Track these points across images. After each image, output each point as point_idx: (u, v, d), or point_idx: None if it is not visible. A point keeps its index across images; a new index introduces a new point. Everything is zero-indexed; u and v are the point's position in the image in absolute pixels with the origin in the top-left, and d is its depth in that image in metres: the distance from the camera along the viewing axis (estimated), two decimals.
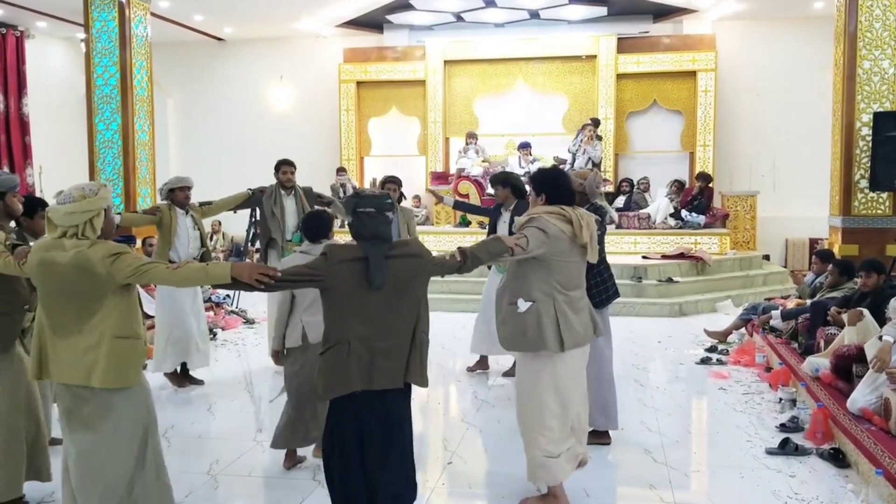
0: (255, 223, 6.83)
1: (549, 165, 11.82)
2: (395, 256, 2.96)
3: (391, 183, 6.63)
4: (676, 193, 11.78)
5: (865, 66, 8.77)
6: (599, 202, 4.81)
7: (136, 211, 9.62)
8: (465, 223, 11.79)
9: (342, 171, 12.54)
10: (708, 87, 12.22)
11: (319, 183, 11.97)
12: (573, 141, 11.73)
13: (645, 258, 10.46)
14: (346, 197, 3.02)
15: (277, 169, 6.71)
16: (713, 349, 7.34)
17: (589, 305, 3.90)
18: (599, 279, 4.51)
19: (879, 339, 4.66)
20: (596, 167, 11.39)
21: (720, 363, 6.89)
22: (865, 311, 5.35)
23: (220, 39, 14.00)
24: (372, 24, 13.09)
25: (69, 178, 11.71)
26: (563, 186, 3.81)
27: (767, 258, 11.81)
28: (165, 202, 6.08)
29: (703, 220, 11.25)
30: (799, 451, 4.55)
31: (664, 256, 10.48)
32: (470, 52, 12.94)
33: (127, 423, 3.10)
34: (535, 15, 12.40)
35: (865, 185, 8.83)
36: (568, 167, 11.25)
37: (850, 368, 5.05)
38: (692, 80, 12.35)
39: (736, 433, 5.00)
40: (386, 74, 13.23)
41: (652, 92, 12.61)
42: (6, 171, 11.15)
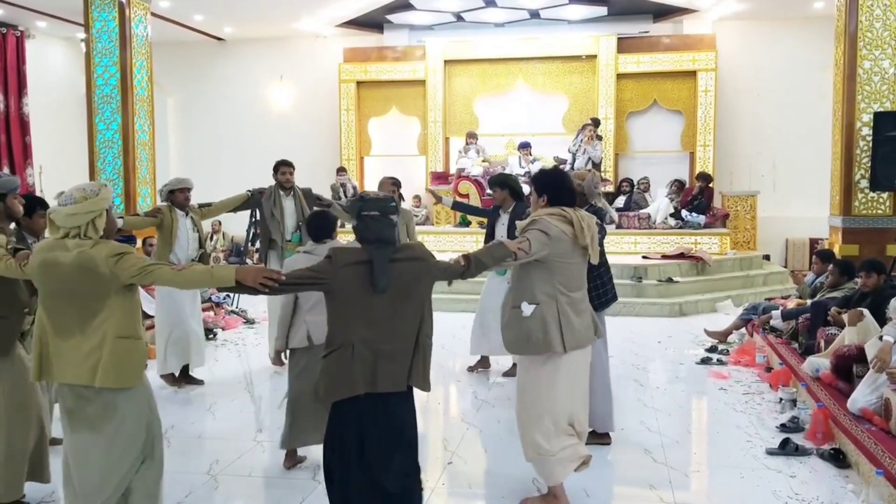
0: (255, 224, 6.83)
1: (549, 165, 11.83)
2: (399, 260, 2.96)
3: (390, 183, 6.62)
4: (676, 193, 11.77)
5: (866, 65, 8.76)
6: (598, 203, 4.80)
7: (136, 213, 9.61)
8: (465, 223, 11.80)
9: (342, 170, 12.54)
10: (708, 86, 12.22)
11: (319, 183, 11.97)
12: (573, 141, 11.74)
13: (645, 258, 10.46)
14: (348, 199, 3.04)
15: (276, 170, 6.71)
16: (713, 349, 7.34)
17: (589, 306, 3.91)
18: (599, 282, 4.51)
19: (880, 339, 4.66)
20: (596, 167, 11.40)
21: (720, 363, 6.89)
22: (866, 311, 5.34)
23: (220, 39, 14.00)
24: (372, 23, 13.09)
25: (69, 177, 11.75)
26: (564, 187, 3.82)
27: (768, 258, 11.81)
28: (165, 203, 6.08)
29: (703, 220, 11.25)
30: (799, 451, 4.55)
31: (664, 256, 10.48)
32: (470, 51, 12.94)
33: (130, 422, 3.10)
34: (535, 15, 12.40)
35: (866, 185, 8.83)
36: (568, 167, 11.25)
37: (850, 368, 5.04)
38: (692, 79, 12.35)
39: (736, 433, 5.00)
40: (386, 74, 13.23)
41: (652, 92, 12.62)
42: (6, 172, 11.15)
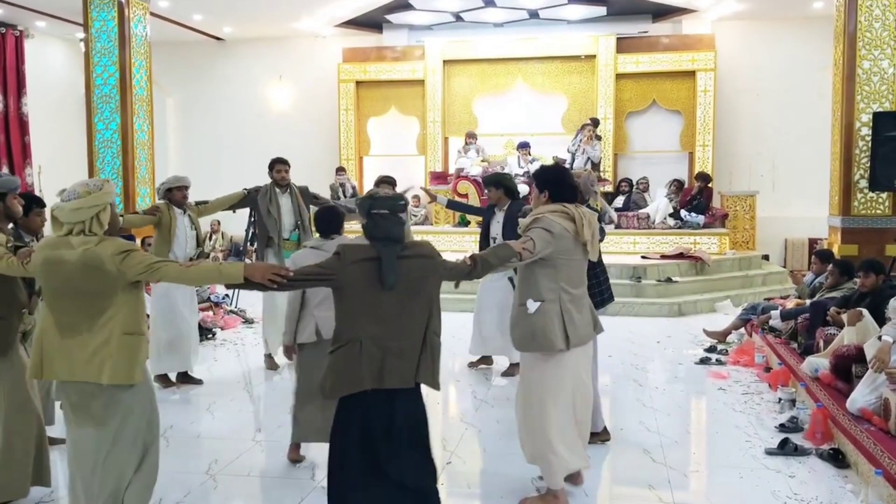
0: (253, 223, 6.82)
1: (547, 165, 11.83)
2: (407, 257, 2.97)
3: (385, 183, 6.62)
4: (676, 193, 11.78)
5: (865, 66, 8.77)
6: (593, 203, 4.82)
7: (135, 211, 9.61)
8: (464, 223, 11.79)
9: (341, 170, 12.53)
10: (707, 86, 12.22)
11: (319, 182, 11.97)
12: (572, 141, 11.74)
13: (644, 258, 10.46)
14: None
15: (271, 168, 6.70)
16: (712, 349, 7.34)
17: (589, 302, 3.93)
18: (595, 281, 4.51)
19: (879, 339, 4.66)
20: (595, 167, 11.41)
21: (719, 363, 6.89)
22: (865, 311, 5.34)
23: (219, 39, 13.99)
24: (371, 23, 13.09)
25: (68, 177, 11.65)
26: (565, 183, 3.85)
27: (767, 258, 11.81)
28: (163, 202, 6.08)
29: (702, 220, 11.25)
30: (798, 451, 4.54)
31: (663, 256, 10.48)
32: (469, 51, 12.94)
33: (133, 418, 3.10)
34: (534, 15, 12.40)
35: (865, 185, 8.83)
36: (567, 167, 11.25)
37: (849, 368, 5.04)
38: (691, 79, 12.35)
39: (735, 433, 4.99)
40: (385, 74, 13.23)
41: (651, 92, 12.62)
42: (6, 172, 11.14)
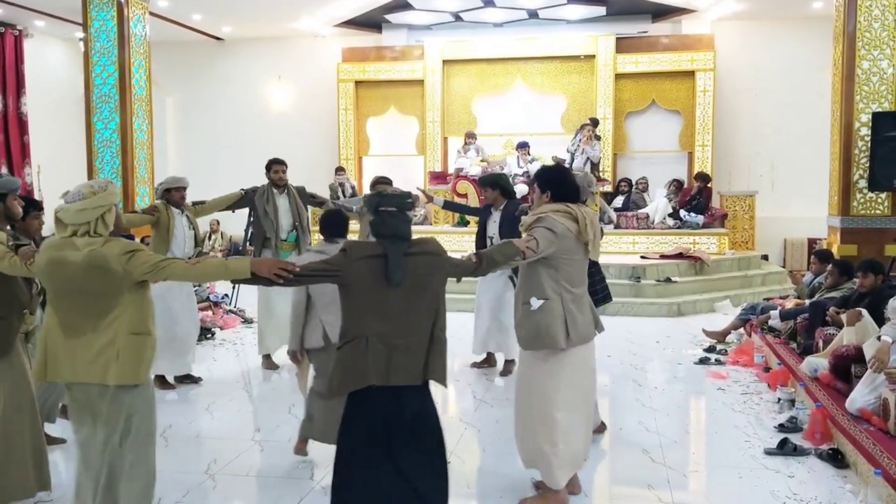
0: (252, 222, 6.82)
1: (549, 165, 11.84)
2: (413, 254, 2.99)
3: (382, 184, 6.60)
4: (675, 193, 11.78)
5: (864, 66, 8.76)
6: (590, 204, 4.83)
7: (134, 210, 9.60)
8: (463, 223, 11.78)
9: (341, 170, 12.53)
10: (707, 87, 12.22)
11: (318, 182, 11.98)
12: (572, 141, 11.74)
13: (643, 258, 10.46)
14: (360, 196, 3.06)
15: (269, 168, 6.69)
16: (711, 349, 7.34)
17: (589, 301, 3.95)
18: (590, 281, 4.51)
19: (878, 339, 4.66)
20: (594, 167, 11.41)
21: (719, 363, 6.89)
22: (864, 311, 5.35)
23: (218, 39, 13.98)
24: (370, 23, 13.09)
25: (68, 177, 11.75)
26: (567, 184, 3.88)
27: (766, 258, 11.82)
28: (161, 202, 6.10)
29: (701, 220, 11.25)
30: (797, 451, 4.54)
31: (663, 256, 10.48)
32: (468, 51, 12.94)
33: (138, 418, 3.11)
34: (533, 15, 12.40)
35: (864, 185, 8.83)
36: (567, 167, 11.25)
37: (848, 369, 5.05)
38: (691, 79, 12.35)
39: (734, 433, 4.99)
40: (384, 74, 13.23)
41: (650, 92, 12.61)
42: (6, 172, 11.12)
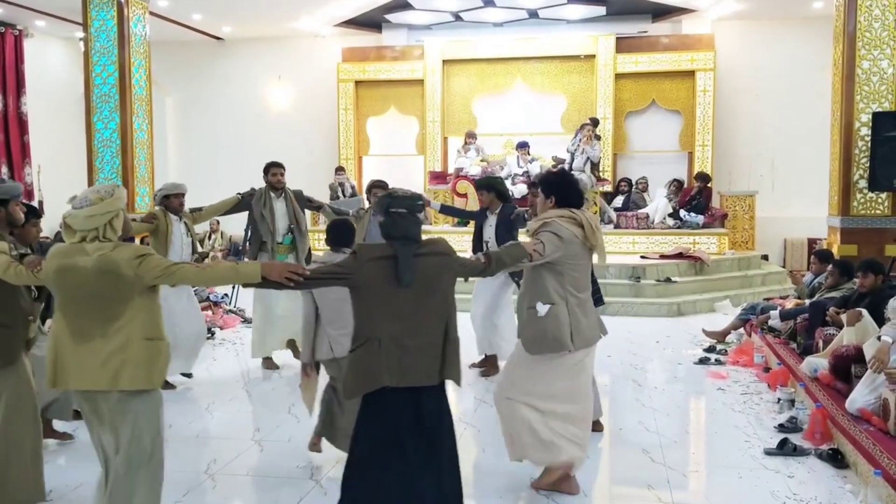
0: (249, 226, 6.80)
1: (547, 165, 11.83)
2: (423, 255, 3.00)
3: (378, 188, 6.57)
4: (675, 193, 11.78)
5: (864, 66, 8.76)
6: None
7: (135, 214, 9.59)
8: (463, 223, 11.78)
9: (341, 170, 12.53)
10: (707, 86, 12.22)
11: (318, 182, 12.00)
12: (572, 140, 11.73)
13: (643, 258, 10.46)
14: (377, 197, 3.06)
15: (266, 171, 6.65)
16: (711, 349, 7.34)
17: (593, 306, 3.98)
18: None
19: (878, 339, 4.66)
20: (594, 167, 11.41)
21: (718, 363, 6.89)
22: (864, 311, 5.34)
23: (218, 39, 13.98)
24: (370, 23, 13.09)
25: (68, 177, 11.78)
26: (572, 190, 3.91)
27: (766, 258, 11.81)
28: (160, 208, 6.10)
29: (701, 219, 11.25)
30: (797, 451, 4.54)
31: (662, 256, 10.48)
32: (468, 51, 12.94)
33: (144, 422, 3.11)
34: (533, 14, 12.40)
35: (864, 185, 8.82)
36: (566, 167, 11.25)
37: (848, 369, 5.05)
38: (691, 79, 12.35)
39: (734, 433, 4.99)
40: (384, 74, 13.23)
41: (651, 92, 12.61)
42: (7, 177, 11.11)
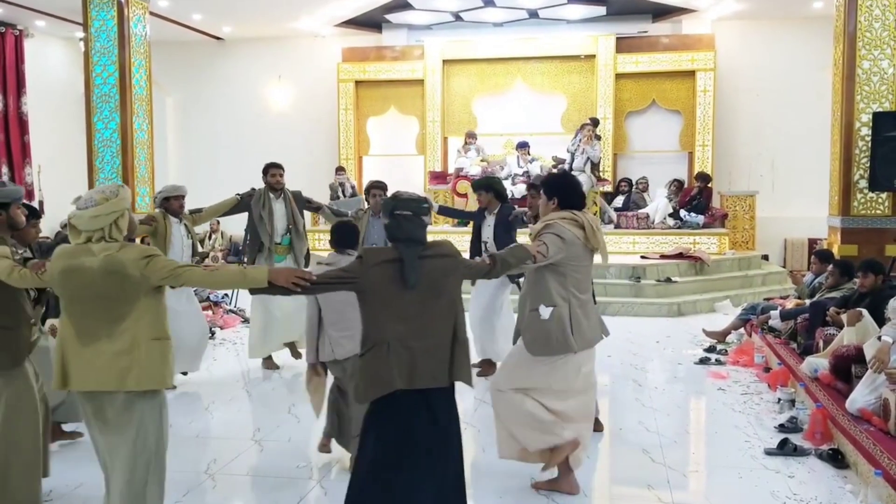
0: (248, 226, 6.80)
1: (547, 165, 11.84)
2: (428, 257, 3.00)
3: (376, 188, 6.54)
4: (675, 193, 11.78)
5: (865, 66, 8.75)
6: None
7: (134, 211, 9.59)
8: (463, 224, 11.78)
9: (341, 170, 12.54)
10: (707, 86, 12.22)
11: (318, 182, 12.01)
12: (572, 141, 11.72)
13: (643, 258, 10.45)
14: (384, 198, 3.07)
15: (265, 172, 6.65)
16: (712, 349, 7.33)
17: (594, 306, 3.99)
18: None
19: (878, 339, 4.66)
20: (595, 167, 11.40)
21: (719, 363, 6.88)
22: (864, 311, 5.34)
23: (219, 39, 13.98)
24: (370, 23, 13.09)
25: (68, 177, 11.79)
26: (574, 191, 3.91)
27: (766, 258, 11.81)
28: (159, 210, 6.11)
29: (701, 220, 11.25)
30: (798, 451, 4.54)
31: (663, 256, 10.48)
32: (468, 51, 12.94)
33: (149, 422, 3.11)
34: (533, 14, 12.40)
35: (865, 185, 8.82)
36: (566, 167, 11.24)
37: (849, 369, 5.04)
38: (691, 79, 12.35)
39: (734, 433, 4.99)
40: (384, 74, 13.23)
41: (651, 92, 12.62)
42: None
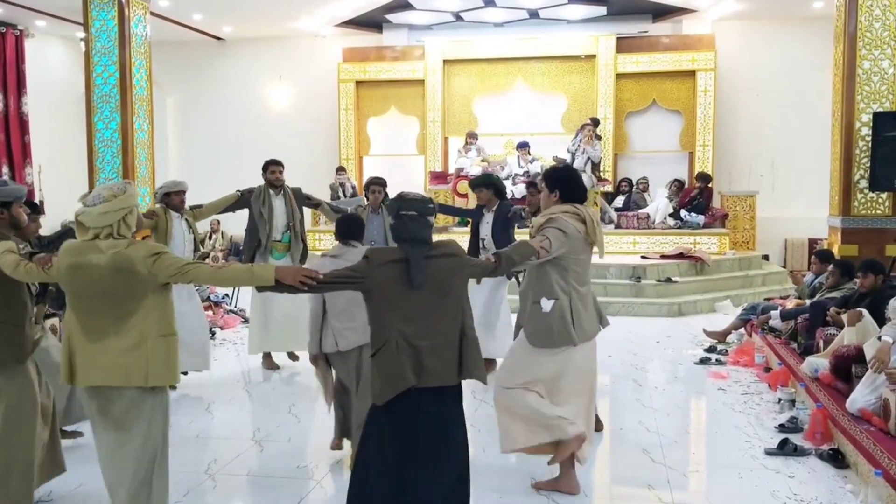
0: (248, 223, 6.81)
1: (548, 165, 11.83)
2: (434, 257, 3.01)
3: (376, 185, 6.56)
4: (676, 193, 11.78)
5: (865, 66, 8.75)
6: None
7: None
8: (463, 223, 11.77)
9: (341, 170, 12.54)
10: (707, 86, 12.22)
11: (318, 182, 12.00)
12: (572, 141, 11.72)
13: (644, 258, 10.45)
14: (390, 199, 3.08)
15: (265, 169, 6.66)
16: (712, 349, 7.34)
17: (593, 297, 4.00)
18: None
19: (878, 339, 4.66)
20: (595, 167, 11.40)
21: (719, 363, 6.89)
22: (864, 311, 5.34)
23: (219, 39, 13.98)
24: (371, 23, 13.09)
25: (68, 177, 11.79)
26: (576, 185, 3.94)
27: (767, 258, 11.81)
28: (160, 206, 6.12)
29: (702, 220, 11.25)
30: (798, 451, 4.54)
31: (663, 256, 10.48)
32: (469, 51, 12.94)
33: (154, 421, 3.12)
34: (534, 14, 12.40)
35: (865, 185, 8.81)
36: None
37: (849, 369, 5.05)
38: (691, 79, 12.35)
39: (735, 433, 4.99)
40: (385, 74, 13.23)
41: (651, 92, 12.62)
42: (8, 178, 11.10)
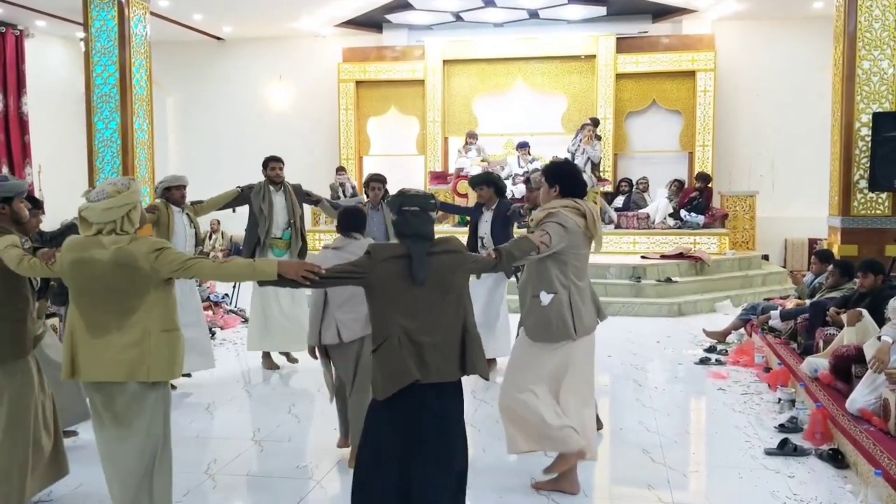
0: (248, 221, 6.81)
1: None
2: (435, 253, 3.02)
3: (375, 181, 6.56)
4: (675, 193, 11.78)
5: (865, 66, 8.75)
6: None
7: None
8: (464, 223, 11.78)
9: (341, 170, 12.54)
10: (707, 87, 12.22)
11: (318, 182, 11.97)
12: (572, 141, 11.72)
13: (644, 258, 10.45)
14: (391, 196, 3.08)
15: (265, 166, 6.66)
16: (712, 349, 7.34)
17: (592, 290, 4.02)
18: None
19: (878, 339, 4.66)
20: (595, 167, 11.40)
21: (719, 363, 6.89)
22: (864, 311, 5.35)
23: (219, 39, 13.99)
24: (371, 23, 13.10)
25: (68, 177, 11.79)
26: (576, 179, 3.95)
27: (766, 258, 11.81)
28: (161, 200, 6.11)
29: (702, 220, 11.25)
30: (798, 451, 4.54)
31: (663, 256, 10.48)
32: (469, 51, 12.95)
33: (155, 418, 3.13)
34: (534, 15, 12.40)
35: (865, 185, 8.81)
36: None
37: (849, 369, 5.05)
38: (691, 80, 12.35)
39: (735, 433, 4.99)
40: (385, 74, 13.23)
41: (651, 92, 12.62)
42: (7, 174, 11.09)
